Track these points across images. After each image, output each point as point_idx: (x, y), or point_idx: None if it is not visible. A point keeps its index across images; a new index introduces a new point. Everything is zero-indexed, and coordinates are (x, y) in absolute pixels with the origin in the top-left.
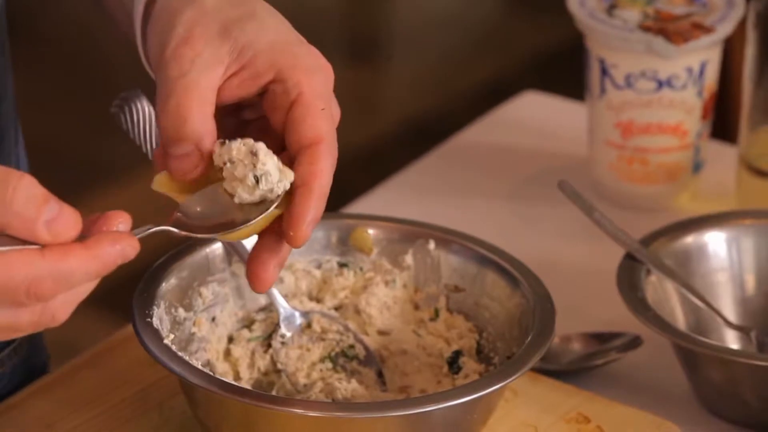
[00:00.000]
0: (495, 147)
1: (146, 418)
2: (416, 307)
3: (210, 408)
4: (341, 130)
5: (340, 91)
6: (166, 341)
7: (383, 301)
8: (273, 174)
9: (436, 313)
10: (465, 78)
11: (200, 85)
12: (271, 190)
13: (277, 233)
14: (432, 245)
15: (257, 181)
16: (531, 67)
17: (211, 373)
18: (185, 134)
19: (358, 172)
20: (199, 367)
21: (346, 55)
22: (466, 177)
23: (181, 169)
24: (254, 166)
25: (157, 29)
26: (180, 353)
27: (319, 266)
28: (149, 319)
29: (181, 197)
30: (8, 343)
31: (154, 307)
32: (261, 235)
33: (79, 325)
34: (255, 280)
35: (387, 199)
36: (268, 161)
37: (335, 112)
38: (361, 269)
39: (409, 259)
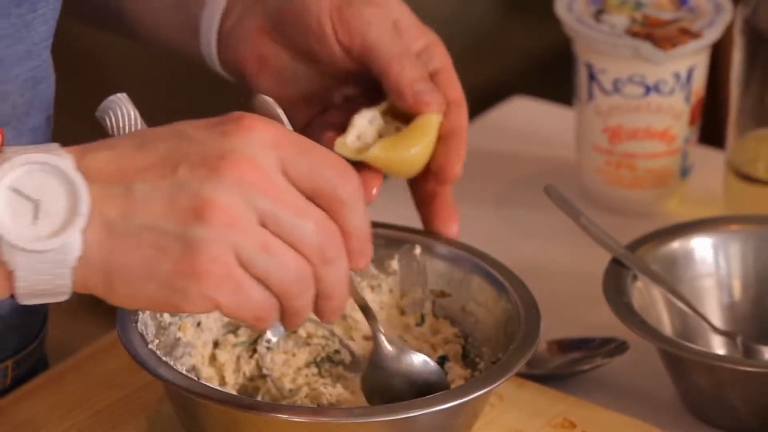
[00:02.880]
0: (483, 151)
1: (134, 421)
2: (402, 312)
3: (195, 413)
4: None
5: None
6: (150, 346)
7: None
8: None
9: (422, 318)
10: (460, 81)
11: None
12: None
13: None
14: (418, 250)
15: None
16: (525, 71)
17: (195, 378)
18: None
19: None
20: (184, 372)
21: None
22: None
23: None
24: None
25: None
26: (165, 358)
27: None
28: (134, 324)
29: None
30: (12, 354)
31: (139, 312)
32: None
33: (74, 328)
34: (451, 223)
35: (376, 202)
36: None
37: None
38: None
39: (395, 264)
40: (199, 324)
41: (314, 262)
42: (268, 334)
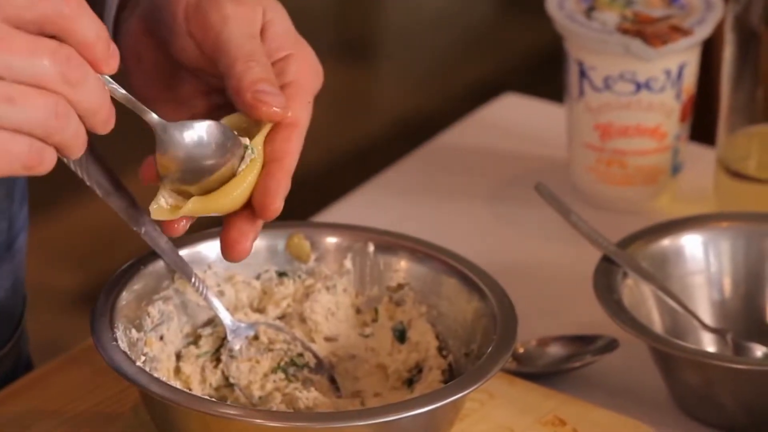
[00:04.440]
0: (474, 149)
1: (121, 420)
2: (358, 311)
3: (171, 420)
4: (332, 129)
5: (331, 92)
6: (120, 344)
7: (327, 308)
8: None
9: (376, 312)
10: (456, 79)
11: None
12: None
13: (249, 209)
14: (371, 248)
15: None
16: (522, 68)
17: (170, 383)
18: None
19: (348, 172)
20: (161, 378)
21: (336, 55)
22: (445, 179)
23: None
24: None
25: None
26: (138, 364)
27: (258, 277)
28: (113, 334)
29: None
30: None
31: (115, 330)
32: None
33: (62, 327)
34: (232, 250)
35: (366, 201)
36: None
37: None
38: (300, 277)
39: (348, 263)
40: (161, 338)
41: (62, 91)
42: (231, 343)
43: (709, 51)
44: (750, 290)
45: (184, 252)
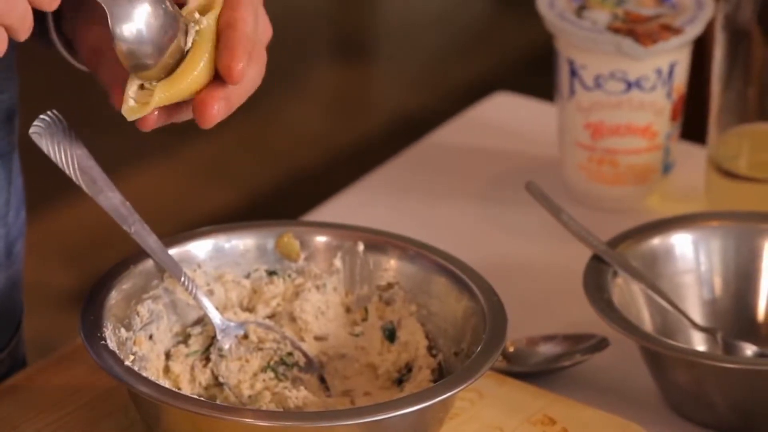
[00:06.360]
0: (465, 148)
1: (112, 419)
2: (348, 310)
3: (161, 419)
4: (327, 128)
5: (326, 91)
6: (109, 343)
7: (317, 307)
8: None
9: (366, 312)
10: (452, 78)
11: None
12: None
13: (217, 79)
14: (361, 247)
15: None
16: (517, 67)
17: (159, 383)
18: None
19: (344, 171)
20: (151, 377)
21: (332, 54)
22: (436, 178)
23: None
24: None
25: None
26: (127, 363)
27: (247, 276)
28: (101, 333)
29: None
30: None
31: (103, 328)
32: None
33: (57, 325)
34: (200, 112)
35: (356, 200)
36: None
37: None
38: (289, 276)
39: (338, 262)
40: (151, 337)
41: None
42: (220, 342)
43: (700, 50)
44: (740, 289)
45: (173, 251)
